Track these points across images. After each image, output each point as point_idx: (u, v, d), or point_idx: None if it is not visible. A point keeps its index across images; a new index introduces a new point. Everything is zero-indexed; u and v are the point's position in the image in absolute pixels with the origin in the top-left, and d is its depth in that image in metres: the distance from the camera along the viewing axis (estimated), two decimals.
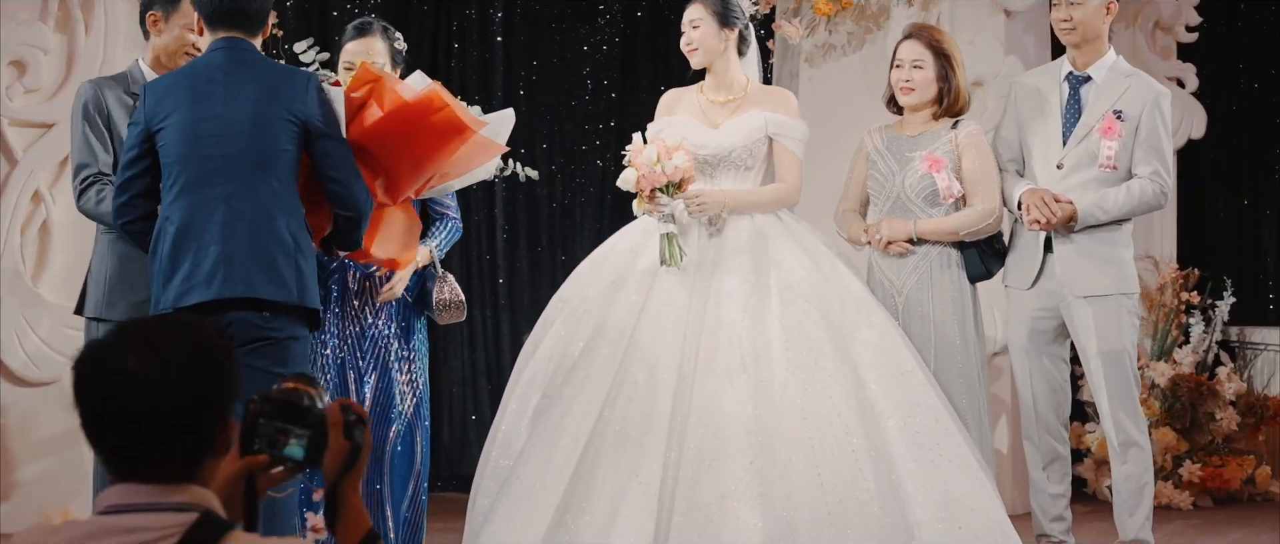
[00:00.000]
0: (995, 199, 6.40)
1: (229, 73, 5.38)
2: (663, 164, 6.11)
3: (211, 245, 5.26)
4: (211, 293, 5.24)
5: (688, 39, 6.38)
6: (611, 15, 8.75)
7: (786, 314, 6.03)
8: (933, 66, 6.41)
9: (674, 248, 6.13)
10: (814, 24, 8.13)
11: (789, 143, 6.36)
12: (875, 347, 6.02)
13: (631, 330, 6.08)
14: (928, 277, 6.39)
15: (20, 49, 7.54)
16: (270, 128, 5.34)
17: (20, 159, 7.54)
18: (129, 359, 2.68)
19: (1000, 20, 8.25)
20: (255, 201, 5.31)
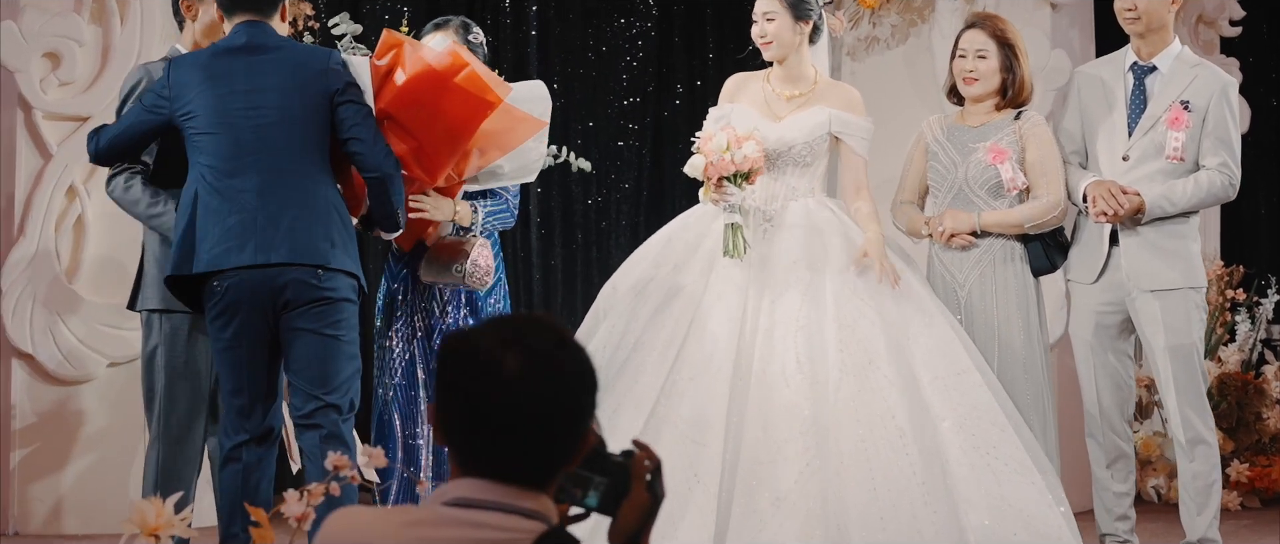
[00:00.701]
0: (1060, 191, 6.28)
1: (251, 54, 5.47)
2: (732, 152, 5.99)
3: (245, 212, 5.34)
4: (246, 258, 5.31)
5: (761, 30, 6.23)
6: (647, 8, 8.64)
7: (841, 312, 5.91)
8: (997, 57, 6.30)
9: (738, 239, 6.01)
10: (857, 16, 8.03)
11: (856, 143, 6.25)
12: (931, 346, 5.91)
13: (688, 324, 5.98)
14: (990, 270, 6.28)
15: (54, 41, 7.42)
16: (294, 101, 5.43)
17: (55, 153, 7.42)
18: (508, 359, 2.58)
19: (1046, 13, 8.14)
20: (289, 170, 5.39)
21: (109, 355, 7.46)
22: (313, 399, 5.40)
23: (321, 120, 5.44)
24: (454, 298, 6.18)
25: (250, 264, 5.29)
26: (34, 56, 7.39)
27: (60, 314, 7.41)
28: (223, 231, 5.31)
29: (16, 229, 7.40)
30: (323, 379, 5.39)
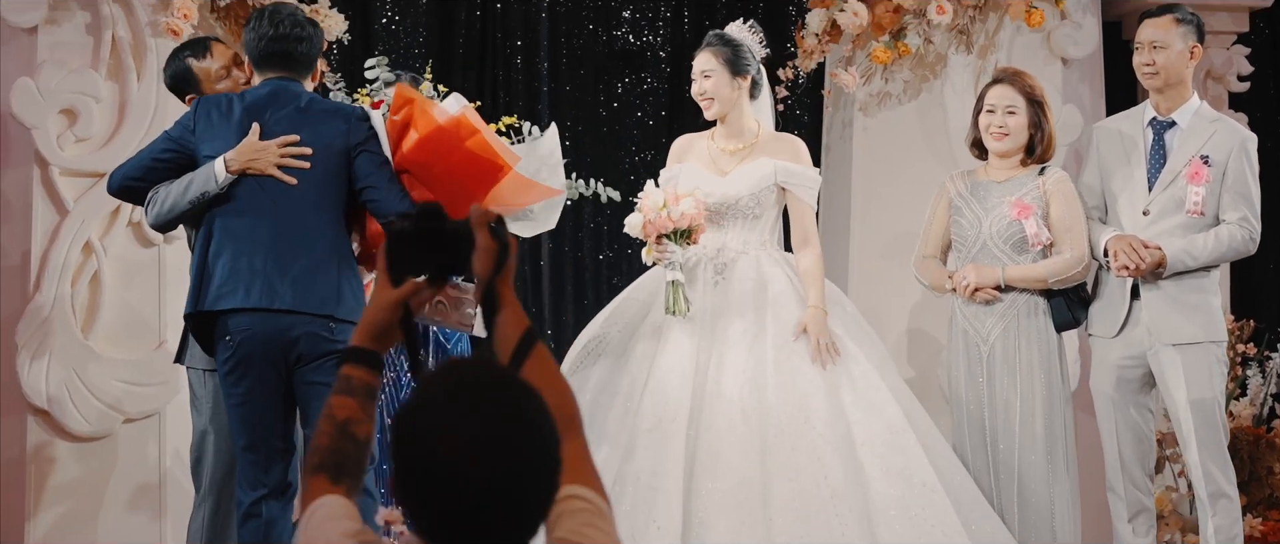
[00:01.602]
0: (1084, 246, 6.30)
1: (278, 107, 5.58)
2: (669, 210, 6.09)
3: (256, 255, 5.41)
4: (254, 300, 5.37)
5: (700, 88, 6.38)
6: (658, 64, 8.64)
7: (781, 369, 6.00)
8: (1026, 113, 6.34)
9: (679, 296, 6.11)
10: (869, 72, 8.05)
11: (803, 193, 6.37)
12: (868, 406, 6.00)
13: (645, 381, 6.09)
14: (1014, 324, 6.30)
15: (71, 97, 7.41)
16: (315, 161, 5.51)
17: (71, 209, 7.40)
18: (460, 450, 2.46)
19: (1057, 68, 8.17)
20: (305, 220, 5.47)
21: (125, 412, 7.43)
22: None
23: (340, 174, 5.51)
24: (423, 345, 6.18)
25: (255, 306, 5.34)
26: (51, 113, 7.37)
27: (76, 370, 7.38)
28: (231, 272, 5.38)
29: (33, 285, 7.38)
30: None
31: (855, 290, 8.05)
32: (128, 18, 7.46)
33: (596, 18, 8.52)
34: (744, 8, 8.54)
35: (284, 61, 5.67)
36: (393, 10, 8.35)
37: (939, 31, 7.93)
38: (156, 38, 7.41)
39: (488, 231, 2.88)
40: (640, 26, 8.54)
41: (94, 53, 7.46)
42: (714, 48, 6.36)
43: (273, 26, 5.66)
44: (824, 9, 7.96)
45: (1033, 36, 8.06)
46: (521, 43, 8.48)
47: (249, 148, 5.48)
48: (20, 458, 7.38)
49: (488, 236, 2.88)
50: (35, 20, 7.38)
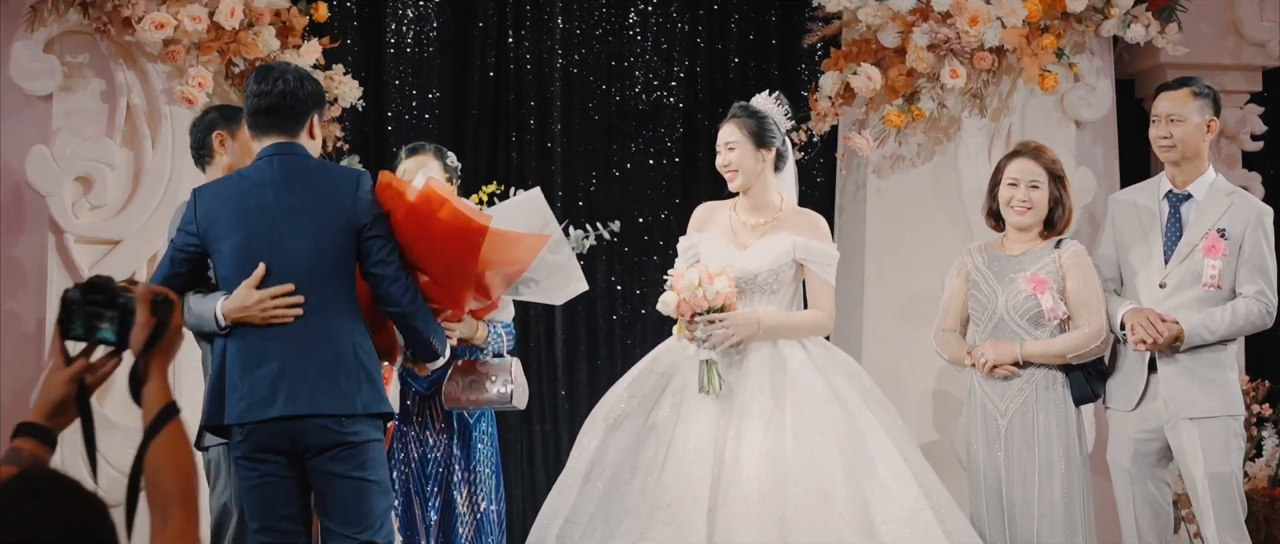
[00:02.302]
0: (1102, 320, 6.29)
1: (281, 184, 5.37)
2: (704, 288, 6.04)
3: (273, 361, 5.27)
4: (276, 411, 5.25)
5: (724, 160, 6.35)
6: (672, 122, 8.65)
7: (799, 446, 5.97)
8: (1048, 188, 6.33)
9: (713, 375, 6.07)
10: (883, 135, 8.05)
11: (821, 270, 6.32)
12: (888, 485, 5.97)
13: (664, 456, 6.05)
14: (1032, 399, 6.29)
15: (86, 165, 7.44)
16: (325, 241, 5.35)
17: (86, 276, 7.38)
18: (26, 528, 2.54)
19: (1070, 131, 8.17)
20: (315, 318, 5.31)
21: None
22: (348, 540, 5.36)
23: (350, 253, 5.39)
24: (447, 424, 6.14)
25: (278, 417, 5.26)
26: (66, 180, 7.40)
27: None
28: (252, 383, 5.28)
29: (47, 353, 7.38)
30: (357, 518, 5.36)
31: (869, 352, 8.06)
32: (142, 85, 7.50)
33: (609, 77, 8.54)
34: (757, 69, 8.56)
35: (277, 118, 5.44)
36: (406, 70, 8.36)
37: (952, 95, 7.94)
38: (171, 105, 7.46)
39: (148, 307, 3.06)
40: (653, 86, 8.55)
41: (109, 120, 7.51)
42: (739, 119, 6.33)
43: (258, 83, 5.48)
44: (837, 72, 7.97)
45: (1046, 99, 8.07)
46: (534, 103, 8.49)
47: (241, 298, 5.34)
48: None
49: (147, 313, 3.07)
50: (50, 88, 7.43)
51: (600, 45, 8.58)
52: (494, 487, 6.16)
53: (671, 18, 8.60)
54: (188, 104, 7.32)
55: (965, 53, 7.80)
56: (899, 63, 7.90)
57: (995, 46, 7.80)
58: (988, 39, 7.75)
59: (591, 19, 8.57)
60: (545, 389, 8.63)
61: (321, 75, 7.61)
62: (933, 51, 7.81)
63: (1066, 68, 7.97)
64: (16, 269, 7.47)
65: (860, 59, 7.95)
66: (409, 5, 8.39)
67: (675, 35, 8.61)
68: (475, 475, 6.09)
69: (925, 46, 7.78)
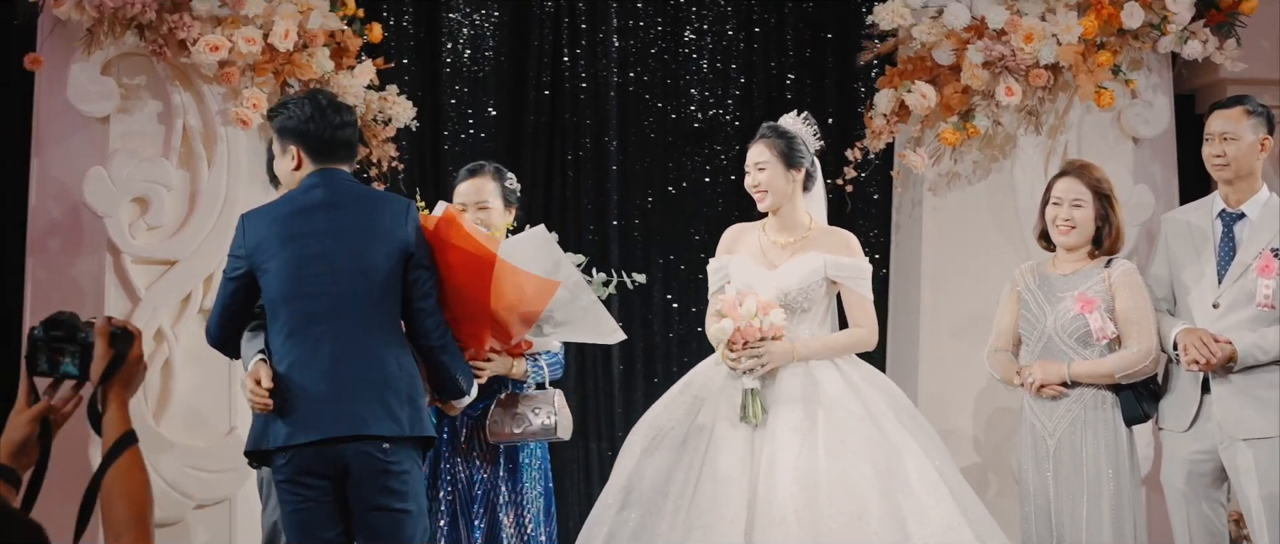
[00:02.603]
0: (1152, 340, 6.25)
1: (330, 207, 5.40)
2: (760, 319, 6.04)
3: (321, 383, 5.28)
4: (324, 432, 5.26)
5: (754, 180, 6.36)
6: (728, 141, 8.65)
7: (833, 466, 5.97)
8: (1092, 206, 6.31)
9: (757, 404, 6.10)
10: (938, 152, 8.02)
11: (855, 285, 6.34)
12: (924, 502, 5.95)
13: (697, 477, 6.06)
14: (1081, 418, 6.26)
15: (143, 186, 7.50)
16: (374, 264, 5.37)
17: (143, 297, 7.49)
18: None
19: (1128, 147, 8.12)
20: (362, 339, 5.32)
21: (196, 497, 7.51)
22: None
23: (397, 278, 5.40)
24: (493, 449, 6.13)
25: (321, 439, 5.27)
26: (123, 201, 7.47)
27: (148, 456, 7.41)
28: (297, 408, 5.29)
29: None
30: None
31: (925, 371, 8.04)
32: (198, 107, 7.56)
33: (665, 95, 8.55)
34: (814, 86, 8.56)
35: (337, 150, 5.52)
36: (463, 89, 8.40)
37: (1007, 112, 7.91)
38: (226, 126, 7.51)
39: (106, 340, 3.21)
40: (708, 104, 8.56)
41: (165, 142, 7.57)
42: (768, 140, 6.34)
43: (336, 113, 5.53)
44: (892, 89, 7.95)
45: (1103, 116, 8.02)
46: (590, 121, 8.52)
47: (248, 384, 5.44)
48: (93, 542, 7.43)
49: (105, 345, 3.21)
50: (107, 110, 7.50)
51: (656, 63, 8.60)
52: (542, 509, 6.14)
53: (727, 35, 8.61)
54: (243, 125, 7.38)
55: (1020, 70, 7.77)
56: (954, 80, 7.87)
57: (1050, 63, 7.76)
58: (1043, 56, 7.71)
59: (647, 37, 8.59)
60: (602, 408, 8.65)
61: (376, 96, 7.65)
62: (987, 69, 7.77)
63: (1123, 84, 7.92)
64: (75, 289, 7.53)
65: (915, 76, 7.93)
66: (465, 24, 8.43)
67: (731, 53, 8.62)
68: (522, 497, 6.08)
69: (980, 64, 7.75)
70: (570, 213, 8.49)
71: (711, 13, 8.60)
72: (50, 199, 7.59)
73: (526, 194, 8.32)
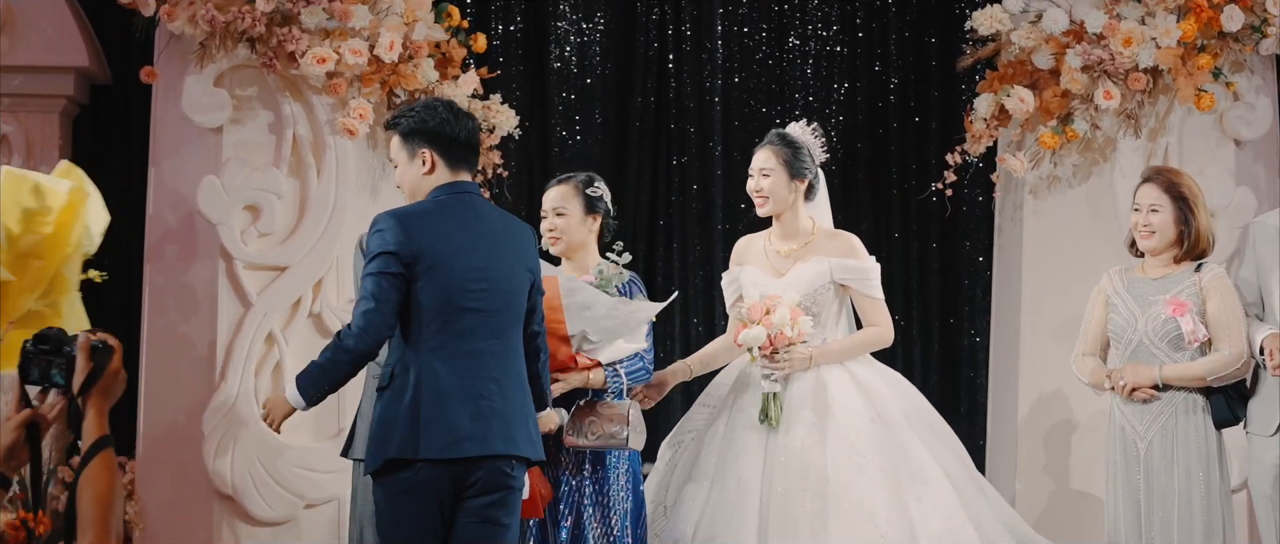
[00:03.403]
0: (1242, 343, 6.26)
1: (480, 221, 5.34)
2: (793, 326, 6.12)
3: (477, 400, 5.20)
4: (480, 449, 5.18)
5: (757, 185, 6.45)
6: (831, 147, 8.66)
7: (842, 471, 6.05)
8: (1170, 210, 6.32)
9: (777, 408, 6.17)
10: (1038, 156, 8.04)
11: (864, 287, 6.41)
12: (927, 505, 6.03)
13: (707, 488, 6.19)
14: (1172, 422, 6.28)
15: (255, 194, 7.69)
16: (518, 284, 5.37)
17: (254, 302, 7.68)
18: None
19: (1229, 150, 8.08)
20: (510, 358, 5.31)
21: (307, 497, 7.69)
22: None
23: (525, 302, 5.40)
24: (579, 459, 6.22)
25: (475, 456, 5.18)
26: (235, 209, 7.67)
27: (259, 457, 7.65)
28: (464, 420, 5.18)
29: (218, 375, 7.66)
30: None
31: (1026, 374, 8.06)
32: (308, 117, 7.74)
33: (769, 101, 8.62)
34: (917, 91, 8.60)
35: (473, 157, 5.46)
36: (569, 96, 8.52)
37: (1106, 116, 7.91)
38: (334, 136, 7.68)
39: (87, 354, 3.47)
40: (813, 107, 8.60)
41: (276, 151, 7.76)
42: (775, 147, 6.44)
43: (462, 118, 5.43)
44: (992, 94, 7.98)
45: (1204, 119, 7.98)
46: (694, 128, 8.60)
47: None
48: (206, 542, 7.65)
49: (86, 358, 3.47)
50: (220, 121, 7.70)
51: (760, 68, 8.67)
52: (630, 510, 6.24)
53: (831, 40, 8.66)
54: (350, 135, 7.55)
55: (1119, 74, 7.77)
56: (1053, 84, 7.89)
57: (1150, 67, 7.76)
58: (1142, 60, 7.71)
59: (751, 42, 8.67)
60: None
61: (479, 105, 7.79)
62: (1086, 73, 7.79)
63: (1224, 87, 7.89)
64: (189, 295, 7.74)
65: (1015, 81, 7.95)
66: (573, 31, 8.55)
67: (835, 58, 8.67)
68: (609, 500, 6.17)
69: (1079, 68, 7.77)
70: (675, 218, 8.58)
71: (815, 18, 8.66)
72: (166, 207, 7.81)
73: (633, 200, 8.45)
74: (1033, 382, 8.06)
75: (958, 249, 8.61)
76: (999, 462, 8.23)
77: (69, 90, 8.05)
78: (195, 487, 7.63)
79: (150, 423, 7.73)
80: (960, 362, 8.61)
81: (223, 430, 7.62)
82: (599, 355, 6.12)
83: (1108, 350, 6.52)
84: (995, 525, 6.12)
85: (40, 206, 4.35)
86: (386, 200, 7.39)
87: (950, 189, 8.16)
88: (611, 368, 6.21)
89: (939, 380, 8.54)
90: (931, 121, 8.59)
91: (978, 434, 8.42)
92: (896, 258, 8.56)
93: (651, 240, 8.55)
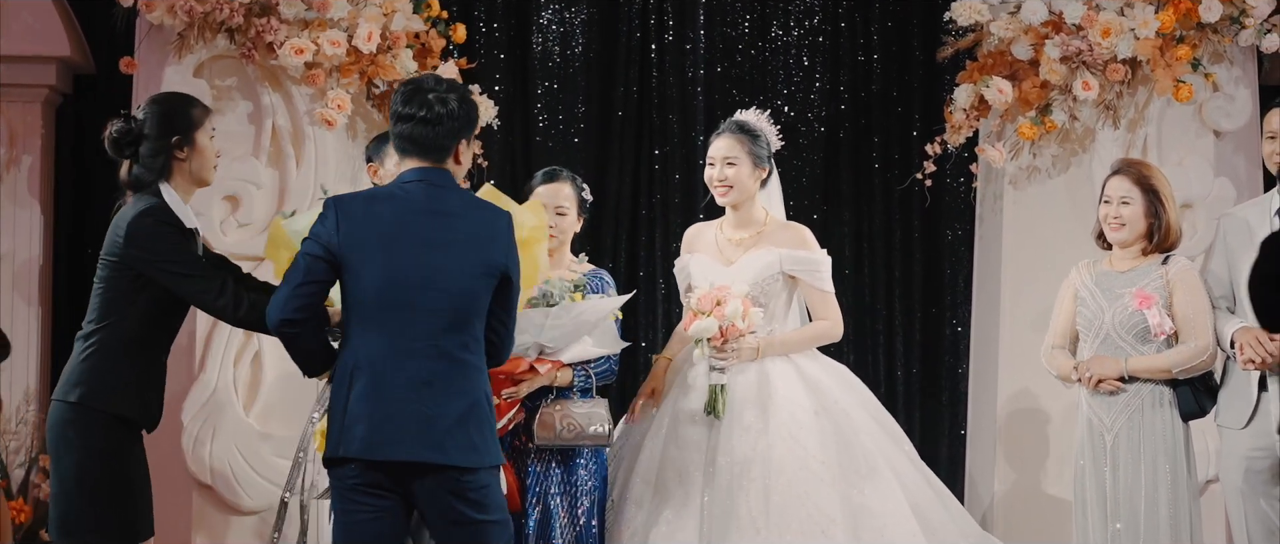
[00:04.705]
0: (1208, 336, 6.27)
1: (430, 214, 5.14)
2: (744, 318, 6.14)
3: (408, 402, 5.05)
4: (403, 454, 5.05)
5: (721, 175, 6.44)
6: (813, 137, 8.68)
7: (785, 464, 6.05)
8: (1141, 203, 6.33)
9: (723, 400, 6.16)
10: (1017, 147, 8.06)
11: (813, 278, 6.41)
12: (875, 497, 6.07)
13: (655, 477, 6.18)
14: (1139, 415, 6.29)
15: (234, 184, 7.72)
16: (470, 284, 5.12)
17: None
18: None
19: (1209, 141, 8.10)
20: (451, 360, 5.09)
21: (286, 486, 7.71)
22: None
23: (485, 299, 5.16)
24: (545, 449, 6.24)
25: (404, 460, 5.05)
26: (214, 199, 7.69)
27: (239, 447, 7.68)
28: (381, 419, 5.05)
29: (197, 365, 7.70)
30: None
31: (1005, 363, 8.08)
32: (287, 107, 7.77)
33: (752, 91, 8.61)
34: (900, 81, 8.60)
35: (424, 147, 5.20)
36: (552, 86, 8.52)
37: (1085, 107, 7.93)
38: (313, 126, 7.70)
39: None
40: (795, 97, 8.62)
41: (255, 141, 7.79)
42: (738, 135, 6.45)
43: (404, 105, 5.21)
44: (971, 84, 7.99)
45: (1184, 109, 8.00)
46: (675, 118, 8.60)
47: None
48: (185, 531, 7.69)
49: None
50: None
51: (743, 58, 8.68)
52: (598, 501, 6.27)
53: (813, 31, 8.67)
54: (328, 126, 7.57)
55: (1098, 65, 7.78)
56: (1032, 75, 7.90)
57: (1128, 58, 7.77)
58: (1120, 50, 7.73)
59: (734, 32, 8.67)
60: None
61: None
62: (1065, 63, 7.80)
63: (1202, 78, 7.90)
64: None
65: (995, 71, 7.97)
66: (554, 21, 8.56)
67: (817, 48, 8.68)
68: (577, 488, 6.20)
69: (1057, 59, 7.78)
70: (657, 208, 8.59)
71: (798, 8, 8.67)
72: None
73: (614, 190, 8.47)
74: (1012, 370, 8.08)
75: (939, 239, 8.62)
76: (979, 450, 8.25)
77: (52, 80, 8.08)
78: (175, 477, 7.65)
79: None
80: (942, 351, 8.62)
81: (202, 421, 7.66)
82: (562, 357, 6.14)
83: (1077, 343, 6.53)
84: (943, 519, 6.15)
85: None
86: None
87: (930, 179, 8.18)
88: (581, 367, 6.22)
89: (920, 369, 8.56)
90: (913, 112, 8.60)
91: (959, 423, 8.45)
92: (878, 247, 8.58)
93: (633, 230, 8.57)
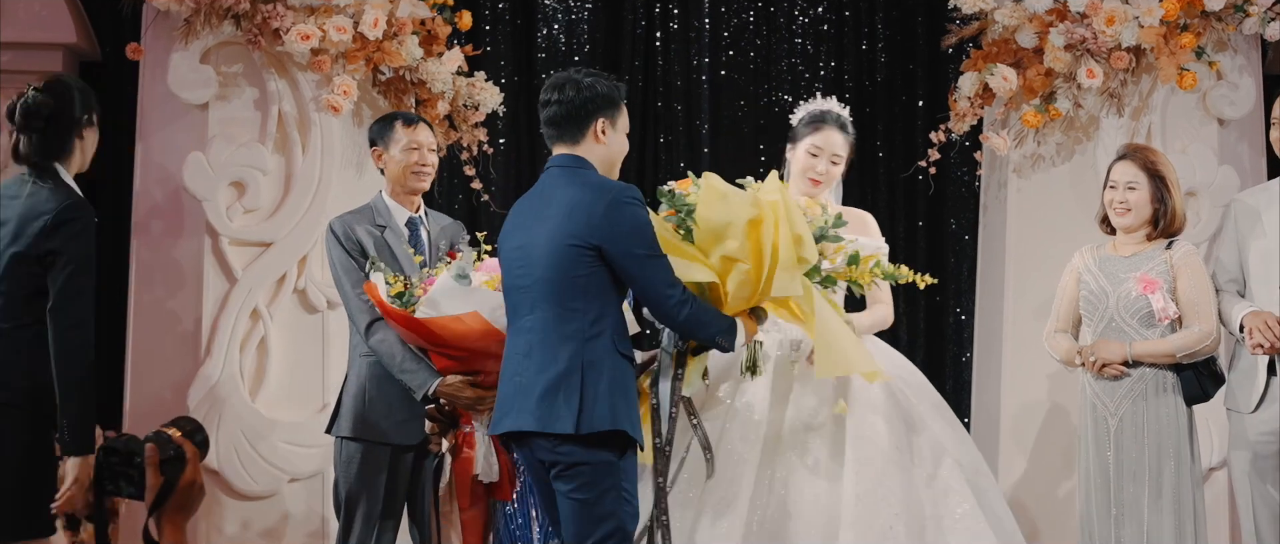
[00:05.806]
0: (1212, 320, 6.28)
1: (546, 196, 5.36)
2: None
3: (512, 376, 5.30)
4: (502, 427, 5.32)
5: (826, 170, 6.44)
6: None
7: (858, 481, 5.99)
8: (1147, 188, 6.35)
9: (760, 356, 6.11)
10: (1022, 135, 8.06)
11: None
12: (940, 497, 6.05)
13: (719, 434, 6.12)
14: (1142, 399, 6.30)
15: (240, 170, 7.73)
16: (559, 256, 5.23)
17: (240, 277, 7.72)
18: None
19: (1213, 129, 8.10)
20: (546, 332, 5.24)
21: (290, 471, 7.73)
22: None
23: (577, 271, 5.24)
24: None
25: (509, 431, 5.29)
26: (221, 186, 7.70)
27: (244, 432, 7.69)
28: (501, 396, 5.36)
29: (204, 350, 7.70)
30: (577, 539, 5.28)
31: (1009, 349, 8.08)
32: (293, 93, 7.77)
33: (756, 79, 8.63)
34: (903, 69, 8.62)
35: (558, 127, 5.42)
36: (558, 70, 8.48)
37: (1089, 95, 7.93)
38: (319, 112, 7.71)
39: (155, 469, 3.41)
40: (800, 85, 8.63)
41: (261, 128, 7.79)
42: (848, 135, 6.48)
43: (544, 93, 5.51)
44: (976, 72, 7.99)
45: (1188, 97, 8.00)
46: (680, 106, 8.61)
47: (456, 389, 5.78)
48: None
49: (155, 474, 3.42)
50: (206, 97, 7.74)
51: (748, 46, 8.69)
52: None
53: (818, 19, 8.68)
54: (334, 111, 7.58)
55: (1102, 53, 7.79)
56: (1036, 63, 7.91)
57: (1132, 46, 7.78)
58: (1124, 39, 7.73)
59: (739, 21, 8.68)
60: None
61: (464, 82, 7.82)
62: (1069, 51, 7.80)
63: (1206, 66, 7.91)
64: (175, 270, 7.79)
65: (1000, 59, 7.97)
66: (560, 9, 8.57)
67: (822, 36, 8.69)
68: None
69: (1062, 47, 7.78)
70: None
71: None
72: (153, 183, 7.86)
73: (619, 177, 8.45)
74: (1016, 358, 8.08)
75: (943, 227, 8.64)
76: (983, 437, 8.25)
77: (58, 67, 8.08)
78: None
79: (136, 398, 7.78)
80: (946, 339, 8.64)
81: (208, 405, 7.66)
82: None
83: (1080, 327, 6.55)
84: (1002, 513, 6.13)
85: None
86: (371, 177, 7.45)
87: (935, 167, 8.19)
88: None
89: (925, 357, 8.57)
90: (917, 100, 8.61)
91: (962, 411, 8.45)
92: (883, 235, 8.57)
93: None
